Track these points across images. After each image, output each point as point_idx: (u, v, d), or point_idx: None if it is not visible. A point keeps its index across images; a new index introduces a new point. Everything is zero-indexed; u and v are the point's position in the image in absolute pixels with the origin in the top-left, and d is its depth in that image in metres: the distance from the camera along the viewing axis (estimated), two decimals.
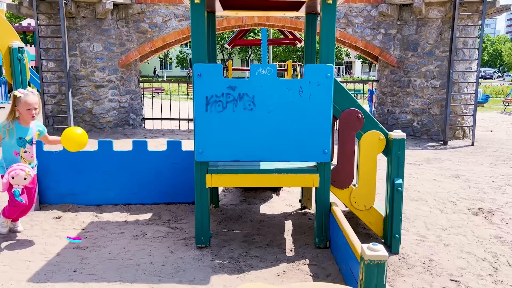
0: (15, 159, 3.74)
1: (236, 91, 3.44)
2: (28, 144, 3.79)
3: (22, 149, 3.76)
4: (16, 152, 3.75)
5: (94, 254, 3.58)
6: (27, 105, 3.65)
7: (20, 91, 3.67)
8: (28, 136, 3.80)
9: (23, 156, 3.78)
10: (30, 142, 3.81)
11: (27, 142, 3.79)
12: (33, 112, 3.69)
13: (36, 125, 3.90)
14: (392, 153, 3.59)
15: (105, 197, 4.71)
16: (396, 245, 3.63)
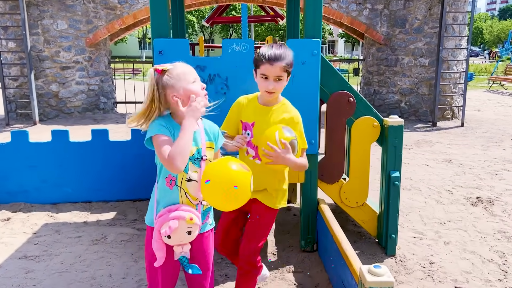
0: (169, 196, 1.85)
1: (206, 71, 2.90)
2: (192, 164, 1.85)
3: (181, 173, 1.81)
4: (170, 179, 1.84)
5: (42, 266, 3.05)
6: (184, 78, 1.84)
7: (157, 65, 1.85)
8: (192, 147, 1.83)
9: (184, 188, 1.84)
10: (195, 159, 1.85)
11: (191, 159, 1.83)
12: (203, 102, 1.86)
13: (208, 128, 1.97)
14: (388, 142, 3.11)
15: (62, 194, 4.14)
16: (392, 246, 3.19)
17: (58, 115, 8.88)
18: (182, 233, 1.78)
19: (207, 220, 1.96)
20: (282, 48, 2.20)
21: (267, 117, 2.26)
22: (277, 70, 2.15)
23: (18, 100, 8.71)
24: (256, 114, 2.29)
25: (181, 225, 1.76)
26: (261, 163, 2.21)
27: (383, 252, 3.23)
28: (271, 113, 2.27)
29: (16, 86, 8.79)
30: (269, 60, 2.15)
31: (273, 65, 2.14)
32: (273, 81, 2.17)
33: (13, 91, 8.74)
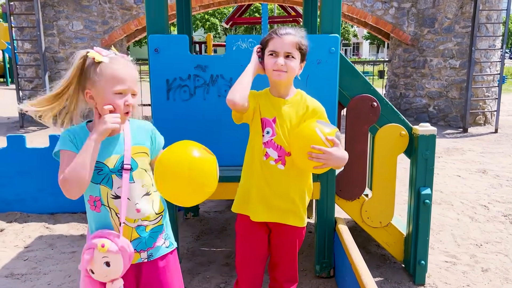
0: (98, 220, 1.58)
1: (208, 72, 2.55)
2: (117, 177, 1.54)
3: (105, 190, 1.55)
4: (94, 200, 1.58)
5: (28, 286, 2.76)
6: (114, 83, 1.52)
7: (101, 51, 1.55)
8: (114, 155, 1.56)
9: (112, 207, 1.56)
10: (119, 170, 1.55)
11: (112, 171, 1.55)
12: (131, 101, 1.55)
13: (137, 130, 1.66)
14: (418, 154, 2.69)
15: (60, 204, 3.87)
16: (421, 274, 2.76)
17: None
18: (100, 265, 1.46)
19: (158, 243, 1.61)
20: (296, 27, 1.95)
21: (288, 110, 1.91)
22: (288, 45, 1.84)
23: None
24: (275, 108, 1.92)
25: (95, 255, 1.45)
26: (285, 169, 1.88)
27: (411, 281, 2.81)
28: (291, 105, 1.92)
29: (31, 87, 8.68)
30: (279, 33, 1.86)
31: (282, 37, 1.84)
32: (283, 58, 1.84)
33: (28, 93, 8.63)
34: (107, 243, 1.46)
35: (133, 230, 1.54)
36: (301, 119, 1.91)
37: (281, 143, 1.88)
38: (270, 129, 1.91)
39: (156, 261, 1.61)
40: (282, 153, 1.88)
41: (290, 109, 1.92)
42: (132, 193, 1.54)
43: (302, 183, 1.94)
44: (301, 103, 1.94)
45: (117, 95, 1.50)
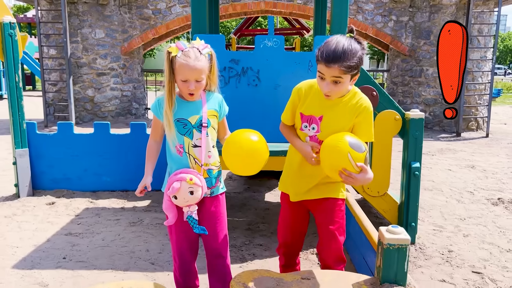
0: (180, 162, 2.05)
1: (240, 65, 3.17)
2: (197, 131, 2.03)
3: (187, 140, 2.03)
4: (179, 147, 2.03)
5: (86, 241, 3.34)
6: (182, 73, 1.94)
7: (180, 46, 1.97)
8: (194, 116, 2.04)
9: (191, 154, 2.04)
10: (199, 126, 2.04)
11: (193, 126, 2.03)
12: (192, 87, 1.95)
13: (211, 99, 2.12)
14: (409, 134, 3.30)
15: (102, 182, 4.46)
16: (412, 234, 3.35)
17: (92, 119, 9.34)
18: (185, 193, 1.95)
19: (217, 184, 2.13)
20: (346, 44, 1.83)
21: (336, 110, 1.97)
22: (335, 71, 1.82)
23: (57, 104, 9.23)
24: (323, 106, 1.98)
25: (183, 185, 1.94)
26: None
27: None
28: (342, 106, 1.97)
29: (55, 90, 9.32)
30: (325, 60, 1.82)
31: (328, 67, 1.82)
32: (329, 83, 1.87)
33: (52, 95, 9.26)
34: (194, 177, 1.96)
35: (204, 172, 2.07)
36: (352, 118, 1.97)
37: (324, 139, 1.94)
38: (316, 126, 2.01)
39: (216, 197, 2.16)
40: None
41: (340, 110, 1.97)
42: (206, 144, 2.04)
43: None
44: (354, 102, 1.97)
45: (183, 82, 1.96)
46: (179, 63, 1.94)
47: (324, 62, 1.82)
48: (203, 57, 1.98)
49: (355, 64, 1.83)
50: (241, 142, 1.97)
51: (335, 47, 1.82)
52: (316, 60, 1.89)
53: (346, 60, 1.80)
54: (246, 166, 2.01)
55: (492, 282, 2.79)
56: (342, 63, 1.80)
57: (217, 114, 2.12)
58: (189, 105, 2.05)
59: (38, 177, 4.41)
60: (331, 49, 1.82)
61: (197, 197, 2.00)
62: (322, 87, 1.90)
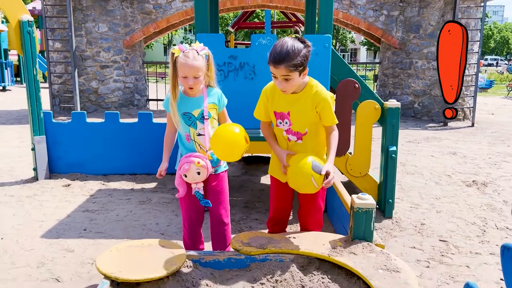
0: (188, 148, 2.50)
1: (237, 60, 3.59)
2: (200, 123, 2.45)
3: (192, 130, 2.46)
4: (187, 135, 2.48)
5: (102, 216, 3.78)
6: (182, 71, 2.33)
7: (181, 48, 2.38)
8: (197, 109, 2.45)
9: (197, 141, 2.47)
10: (201, 118, 2.45)
11: (197, 118, 2.46)
12: (190, 82, 2.34)
13: (211, 94, 2.51)
14: (387, 122, 3.74)
15: (112, 167, 4.90)
16: (389, 209, 3.81)
17: (96, 110, 9.75)
18: (194, 173, 2.38)
19: (220, 164, 2.58)
20: (289, 46, 2.11)
21: (298, 105, 2.30)
22: (282, 71, 2.12)
23: (62, 95, 9.62)
24: (288, 102, 2.31)
25: (191, 167, 2.36)
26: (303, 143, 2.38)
27: (382, 215, 3.85)
28: (302, 99, 2.29)
29: (60, 82, 9.71)
30: (273, 61, 2.12)
31: (276, 67, 2.12)
32: (281, 81, 2.17)
33: (57, 87, 9.65)
34: (201, 161, 2.37)
35: (209, 155, 2.50)
36: (313, 109, 2.29)
37: (297, 130, 2.34)
38: (288, 120, 2.35)
39: (218, 174, 2.61)
40: (299, 135, 2.38)
41: (302, 103, 2.29)
42: (208, 133, 2.44)
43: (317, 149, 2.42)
44: (311, 95, 2.28)
45: (183, 78, 2.35)
46: (180, 62, 2.33)
47: (272, 64, 2.12)
48: (201, 57, 2.36)
49: (300, 62, 2.11)
50: (221, 135, 2.30)
51: (280, 50, 2.10)
52: (268, 63, 2.17)
53: (290, 60, 2.08)
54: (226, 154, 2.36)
55: (455, 248, 3.25)
56: (287, 63, 2.08)
57: (217, 106, 2.53)
58: (193, 100, 2.46)
59: (54, 162, 4.84)
60: (277, 51, 2.10)
61: (203, 177, 2.43)
62: (276, 84, 2.22)
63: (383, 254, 2.23)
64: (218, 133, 2.32)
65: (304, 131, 2.35)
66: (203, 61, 2.37)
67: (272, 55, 2.12)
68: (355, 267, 2.12)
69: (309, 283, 2.18)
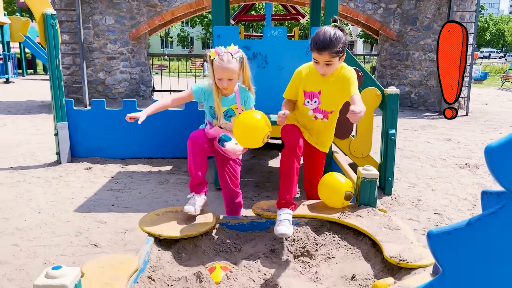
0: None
1: (251, 50, 3.92)
2: (223, 118, 2.70)
3: (215, 121, 2.72)
4: (208, 122, 2.75)
5: (126, 194, 4.13)
6: (216, 73, 2.55)
7: (217, 51, 2.57)
8: (223, 107, 2.67)
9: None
10: (226, 115, 2.70)
11: (224, 114, 2.70)
12: (224, 84, 2.55)
13: (244, 95, 2.71)
14: (387, 107, 4.09)
15: (130, 151, 5.24)
16: (389, 187, 4.17)
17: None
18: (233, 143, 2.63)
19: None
20: (331, 34, 2.31)
21: (330, 84, 2.51)
22: (326, 57, 2.32)
23: (70, 86, 9.92)
24: (320, 83, 2.52)
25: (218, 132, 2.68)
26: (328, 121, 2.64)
27: (382, 192, 4.21)
28: (333, 80, 2.50)
29: (68, 73, 10.00)
30: (317, 49, 2.31)
31: (321, 54, 2.32)
32: (323, 66, 2.37)
33: (65, 78, 9.93)
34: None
35: None
36: (342, 88, 2.48)
37: (325, 109, 2.57)
38: (317, 99, 2.56)
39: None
40: (326, 114, 2.61)
41: (332, 84, 2.50)
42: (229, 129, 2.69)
43: (332, 129, 2.77)
44: (341, 77, 2.47)
45: (218, 80, 2.55)
46: (215, 65, 2.52)
47: (316, 51, 2.33)
48: (235, 60, 2.53)
49: (341, 48, 2.34)
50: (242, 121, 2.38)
51: (323, 38, 2.30)
52: (310, 49, 2.40)
53: (333, 47, 2.29)
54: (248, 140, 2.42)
55: (448, 220, 3.62)
56: (330, 50, 2.30)
57: (243, 108, 2.73)
58: (223, 98, 2.68)
59: (75, 147, 5.17)
60: (320, 39, 2.30)
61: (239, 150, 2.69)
62: (318, 69, 2.43)
63: (385, 217, 2.59)
64: (239, 119, 2.41)
65: (331, 109, 2.59)
66: (237, 64, 2.54)
67: (316, 42, 2.30)
68: (361, 226, 2.48)
69: (321, 241, 2.54)
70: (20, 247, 3.00)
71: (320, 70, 2.40)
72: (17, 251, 2.93)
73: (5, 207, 3.74)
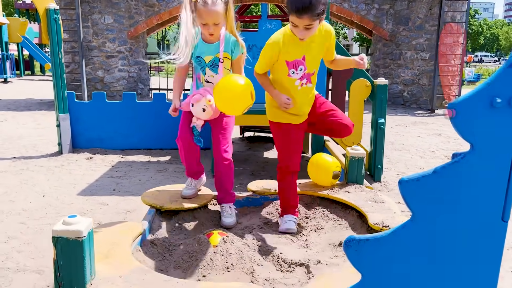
0: (196, 86, 2.57)
1: (247, 43, 4.06)
2: (209, 69, 2.48)
3: (201, 75, 2.51)
4: (198, 76, 2.55)
5: (127, 181, 4.30)
6: (201, 17, 2.33)
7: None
8: (208, 56, 2.46)
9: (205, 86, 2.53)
10: (211, 65, 2.47)
11: (207, 65, 2.48)
12: (211, 30, 2.35)
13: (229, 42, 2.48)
14: (377, 97, 4.28)
15: (129, 142, 5.41)
16: (378, 174, 4.36)
17: None
18: (200, 107, 2.37)
19: None
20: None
21: (313, 46, 2.30)
22: (305, 21, 2.11)
23: (69, 84, 10.07)
24: (302, 48, 2.28)
25: (201, 100, 2.37)
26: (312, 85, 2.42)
27: (372, 179, 4.40)
28: (315, 40, 2.30)
29: (68, 71, 10.16)
30: (295, 12, 2.09)
31: (300, 17, 2.10)
32: (302, 30, 2.16)
33: (65, 76, 10.07)
34: (212, 100, 2.34)
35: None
36: (324, 46, 2.36)
37: (309, 72, 2.33)
38: (303, 66, 2.32)
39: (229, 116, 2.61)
40: (309, 78, 2.38)
41: (315, 45, 2.31)
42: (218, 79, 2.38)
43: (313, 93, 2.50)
44: (324, 35, 2.32)
45: (204, 25, 2.32)
46: (199, 8, 2.28)
47: (295, 14, 2.09)
48: (220, 1, 2.30)
49: (322, 10, 2.10)
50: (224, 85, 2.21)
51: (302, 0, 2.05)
52: (288, 12, 2.14)
53: (314, 10, 2.06)
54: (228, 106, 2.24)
55: None
56: (312, 12, 2.07)
57: (230, 56, 2.49)
58: (208, 46, 2.44)
59: (76, 138, 5.33)
60: (300, 1, 2.05)
61: (206, 116, 2.44)
62: (296, 33, 2.19)
63: (371, 192, 2.78)
64: (221, 83, 2.23)
65: (313, 71, 2.38)
66: (222, 5, 2.32)
67: (295, 5, 2.08)
68: (349, 200, 2.67)
69: (312, 215, 2.72)
70: (27, 225, 3.16)
71: (299, 34, 2.19)
72: (25, 228, 3.09)
73: (11, 191, 3.90)
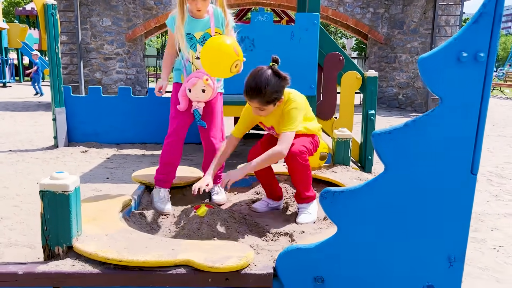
0: (188, 70, 2.45)
1: (239, 34, 4.16)
2: (200, 46, 2.36)
3: (192, 52, 2.39)
4: (186, 57, 2.41)
5: (120, 171, 4.35)
6: None
7: None
8: (198, 32, 2.37)
9: (195, 64, 2.41)
10: (202, 41, 2.35)
11: (198, 41, 2.38)
12: (199, 5, 2.28)
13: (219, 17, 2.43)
14: (367, 89, 4.36)
15: (124, 136, 5.47)
16: (369, 165, 4.42)
17: None
18: (199, 89, 2.32)
19: (218, 84, 2.54)
20: (263, 81, 2.02)
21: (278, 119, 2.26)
22: (256, 104, 2.09)
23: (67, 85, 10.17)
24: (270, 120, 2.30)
25: (198, 83, 2.31)
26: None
27: (363, 171, 4.46)
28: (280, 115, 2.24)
29: (65, 73, 10.26)
30: (247, 95, 2.09)
31: (250, 101, 2.11)
32: (255, 109, 2.15)
33: (63, 77, 10.15)
34: (209, 79, 2.32)
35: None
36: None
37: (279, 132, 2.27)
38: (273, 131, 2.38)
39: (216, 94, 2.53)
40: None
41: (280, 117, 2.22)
42: None
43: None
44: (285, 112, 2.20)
45: (191, 0, 2.26)
46: None
47: (246, 97, 2.10)
48: None
49: (273, 98, 2.06)
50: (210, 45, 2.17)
51: (254, 85, 2.02)
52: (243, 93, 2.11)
53: (263, 97, 2.03)
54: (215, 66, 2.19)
55: None
56: (260, 99, 2.04)
57: (221, 31, 2.43)
58: (197, 22, 2.36)
59: (72, 132, 5.40)
60: (252, 85, 2.03)
61: (207, 96, 2.40)
62: (252, 110, 2.19)
63: (357, 172, 2.84)
64: (207, 43, 2.18)
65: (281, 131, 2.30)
66: None
67: (246, 88, 2.07)
68: (335, 179, 2.73)
69: None
70: (20, 207, 3.21)
71: (253, 112, 2.18)
72: (18, 210, 3.15)
73: (5, 179, 3.95)
